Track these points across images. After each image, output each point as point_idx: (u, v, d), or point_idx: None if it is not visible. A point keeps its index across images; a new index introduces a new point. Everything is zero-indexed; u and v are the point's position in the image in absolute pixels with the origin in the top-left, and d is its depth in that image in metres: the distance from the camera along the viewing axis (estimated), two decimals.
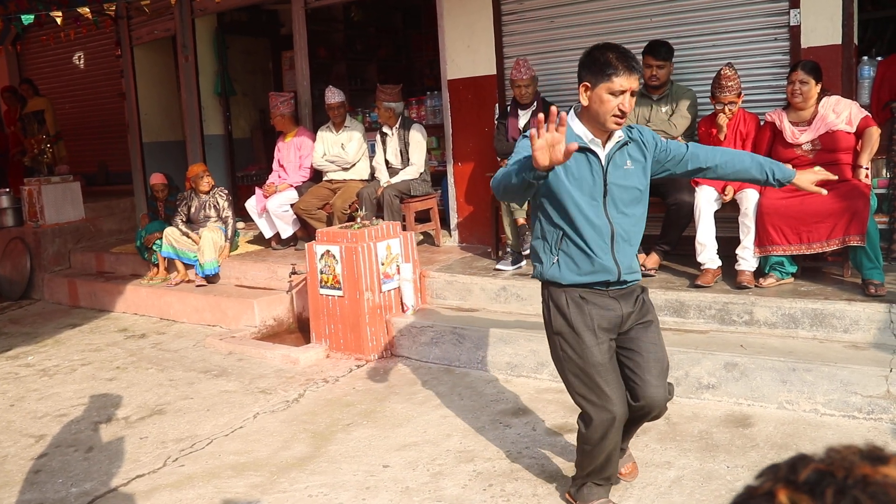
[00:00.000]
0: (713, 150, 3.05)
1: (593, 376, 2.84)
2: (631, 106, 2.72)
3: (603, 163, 2.79)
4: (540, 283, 3.01)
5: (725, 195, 4.66)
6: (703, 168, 2.99)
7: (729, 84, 4.69)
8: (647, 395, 2.87)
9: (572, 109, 2.86)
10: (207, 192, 7.11)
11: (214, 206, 7.10)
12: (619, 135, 2.81)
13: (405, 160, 6.57)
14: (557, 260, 2.87)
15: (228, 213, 7.11)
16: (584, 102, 2.76)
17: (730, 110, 4.77)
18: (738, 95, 4.76)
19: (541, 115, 2.38)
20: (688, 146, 2.98)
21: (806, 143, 4.51)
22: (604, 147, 2.80)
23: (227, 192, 7.27)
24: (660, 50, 5.07)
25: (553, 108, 2.39)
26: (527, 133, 2.57)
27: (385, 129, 6.66)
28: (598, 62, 2.70)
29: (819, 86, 4.48)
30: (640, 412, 2.94)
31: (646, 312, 2.95)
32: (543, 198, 2.85)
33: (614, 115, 2.69)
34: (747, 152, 3.21)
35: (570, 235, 2.83)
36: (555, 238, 2.87)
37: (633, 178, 2.84)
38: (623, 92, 2.67)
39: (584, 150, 2.76)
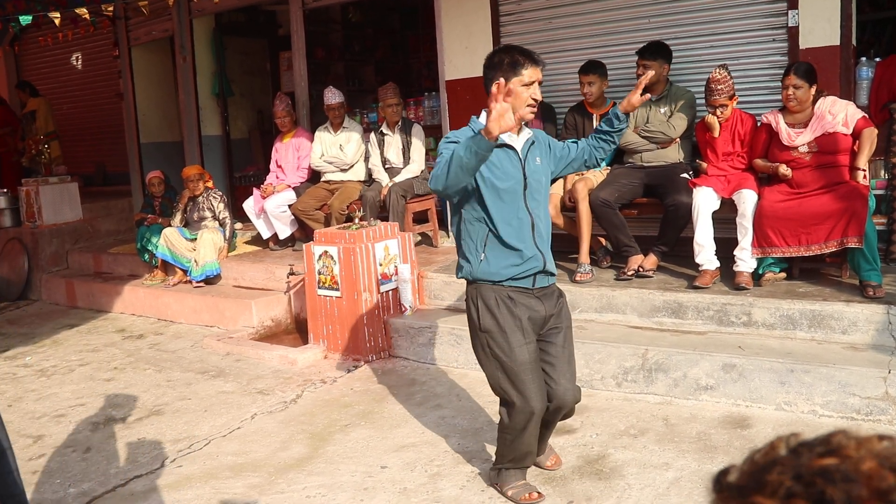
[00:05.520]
0: (582, 143, 3.29)
1: (519, 374, 3.04)
2: (540, 95, 3.00)
3: (521, 156, 3.04)
4: (466, 282, 3.21)
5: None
6: (586, 160, 3.28)
7: (719, 87, 4.69)
8: (558, 397, 3.13)
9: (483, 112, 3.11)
10: (201, 195, 7.11)
11: (209, 208, 7.09)
12: (527, 132, 3.10)
13: (407, 159, 6.58)
14: (485, 257, 3.06)
15: (225, 214, 7.10)
16: None
17: (721, 112, 4.77)
18: (731, 98, 4.75)
19: (494, 87, 2.65)
20: (577, 145, 3.28)
21: (803, 146, 4.50)
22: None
23: (221, 193, 7.26)
24: (645, 50, 5.06)
25: (499, 82, 2.69)
26: (448, 136, 3.02)
27: (385, 130, 6.66)
28: (506, 61, 2.96)
29: (814, 88, 4.48)
30: (554, 412, 3.18)
31: (563, 317, 3.20)
32: (468, 198, 3.05)
33: (528, 106, 2.96)
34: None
35: (495, 230, 3.03)
36: (481, 236, 3.06)
37: (543, 173, 3.11)
38: (532, 83, 2.95)
39: (502, 145, 3.00)
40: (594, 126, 5.41)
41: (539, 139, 3.16)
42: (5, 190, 9.05)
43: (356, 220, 5.51)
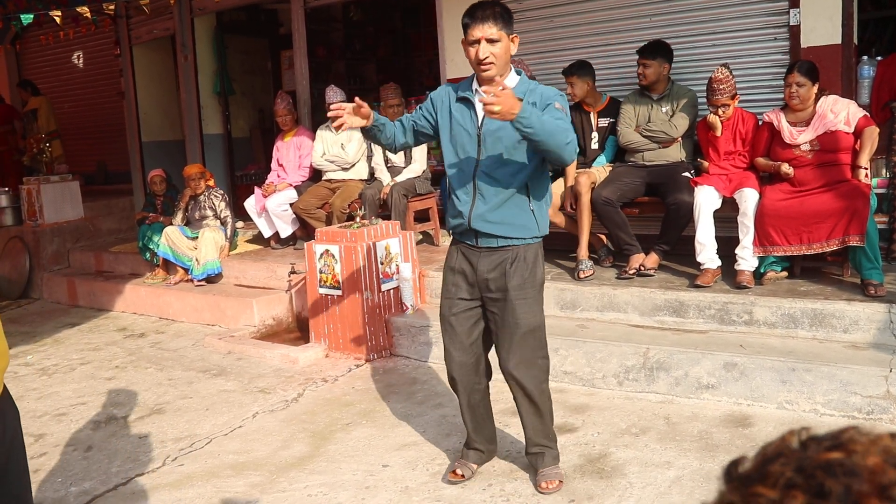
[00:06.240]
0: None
1: (442, 324, 3.24)
2: (488, 54, 2.91)
3: (479, 112, 3.01)
4: None
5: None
6: None
7: (721, 87, 4.69)
8: (503, 368, 3.15)
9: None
10: (202, 194, 7.11)
11: (210, 206, 7.09)
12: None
13: (408, 158, 6.58)
14: (449, 198, 3.19)
15: (227, 213, 7.10)
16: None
17: (723, 112, 4.77)
18: (733, 97, 4.74)
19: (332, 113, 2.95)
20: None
21: (804, 144, 4.50)
22: None
23: (222, 192, 7.26)
24: (645, 49, 5.07)
25: (333, 106, 2.98)
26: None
27: None
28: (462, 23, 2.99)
29: (816, 86, 4.48)
30: (507, 382, 3.19)
31: (511, 287, 3.04)
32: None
33: (477, 64, 2.95)
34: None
35: (447, 179, 3.15)
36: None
37: (512, 131, 2.90)
38: (476, 41, 2.91)
39: (463, 99, 3.09)
40: (592, 124, 5.42)
41: (534, 97, 2.95)
42: (7, 189, 9.05)
43: (357, 219, 5.51)
